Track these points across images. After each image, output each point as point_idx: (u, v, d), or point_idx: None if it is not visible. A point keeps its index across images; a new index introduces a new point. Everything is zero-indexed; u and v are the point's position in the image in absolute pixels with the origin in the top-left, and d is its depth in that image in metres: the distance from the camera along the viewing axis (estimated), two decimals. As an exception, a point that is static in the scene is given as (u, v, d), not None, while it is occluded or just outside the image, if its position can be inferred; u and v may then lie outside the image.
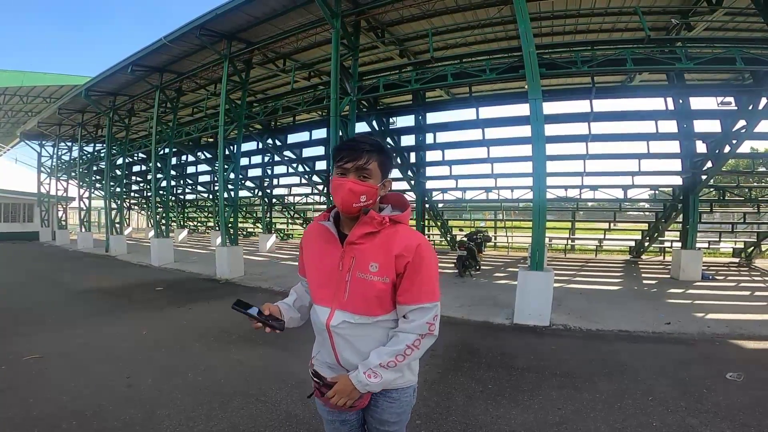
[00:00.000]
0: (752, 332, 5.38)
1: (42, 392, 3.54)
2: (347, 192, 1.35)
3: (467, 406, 3.35)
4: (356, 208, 1.38)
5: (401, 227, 1.42)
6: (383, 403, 1.48)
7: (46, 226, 22.90)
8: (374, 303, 1.38)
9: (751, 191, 12.08)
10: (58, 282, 9.52)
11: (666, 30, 8.49)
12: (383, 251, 1.37)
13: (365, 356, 1.39)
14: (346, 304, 1.39)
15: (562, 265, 12.46)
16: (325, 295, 1.43)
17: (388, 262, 1.36)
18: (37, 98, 18.18)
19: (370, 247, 1.38)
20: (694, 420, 3.09)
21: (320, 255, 1.47)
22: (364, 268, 1.37)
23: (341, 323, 1.39)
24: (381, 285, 1.36)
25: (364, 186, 1.37)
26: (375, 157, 1.39)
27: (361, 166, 1.36)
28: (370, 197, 1.38)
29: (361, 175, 1.37)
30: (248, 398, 3.46)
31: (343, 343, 1.41)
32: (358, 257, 1.38)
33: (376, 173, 1.39)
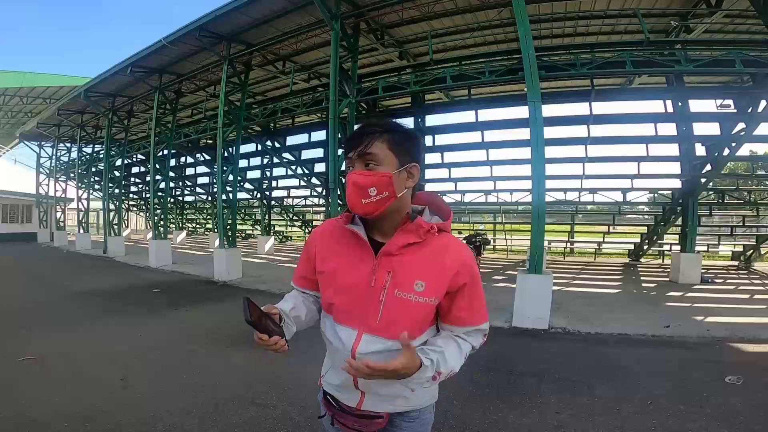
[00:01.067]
0: (752, 335, 5.35)
1: (35, 394, 3.50)
2: (351, 186, 1.11)
3: (465, 409, 3.32)
4: (367, 207, 1.10)
5: (448, 237, 1.19)
6: (402, 423, 1.26)
7: (44, 227, 22.90)
8: (416, 326, 1.16)
9: (751, 194, 12.08)
10: (56, 283, 9.48)
11: (665, 32, 8.51)
12: (434, 267, 1.14)
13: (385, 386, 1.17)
14: (379, 329, 1.14)
15: (561, 268, 12.44)
16: (351, 315, 1.17)
17: (440, 280, 1.13)
18: (36, 99, 18.18)
19: (413, 260, 1.14)
20: (693, 424, 3.07)
21: (344, 265, 1.19)
22: (406, 286, 1.13)
23: (370, 351, 1.13)
24: (427, 307, 1.15)
25: (371, 176, 1.09)
26: (382, 137, 1.11)
27: (363, 151, 1.11)
28: (384, 189, 1.09)
29: (366, 163, 1.11)
30: (244, 401, 3.43)
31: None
32: (398, 272, 1.13)
33: (388, 158, 1.10)
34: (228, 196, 10.53)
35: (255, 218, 21.74)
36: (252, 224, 22.70)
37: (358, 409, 1.23)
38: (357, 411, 1.23)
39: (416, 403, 1.26)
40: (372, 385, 1.17)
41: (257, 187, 18.26)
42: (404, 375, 1.03)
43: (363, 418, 1.23)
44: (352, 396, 1.22)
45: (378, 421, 1.23)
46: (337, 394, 1.26)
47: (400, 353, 1.03)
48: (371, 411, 1.22)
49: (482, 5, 8.09)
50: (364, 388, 1.20)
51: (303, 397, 3.49)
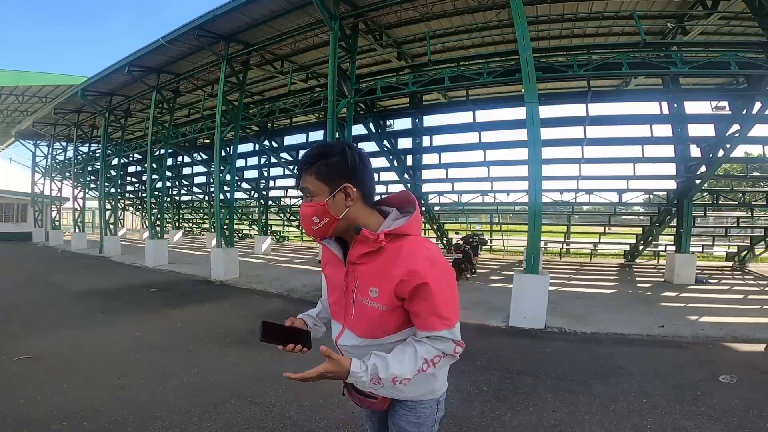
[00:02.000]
0: (745, 335, 5.42)
1: (33, 393, 3.51)
2: (302, 217, 1.26)
3: (462, 408, 3.35)
4: (318, 232, 1.25)
5: (407, 242, 1.23)
6: (399, 410, 1.39)
7: (39, 227, 22.77)
8: (377, 328, 1.27)
9: (745, 195, 12.18)
10: (52, 283, 9.44)
11: (662, 34, 8.57)
12: (384, 275, 1.21)
13: None
14: (353, 326, 1.31)
15: (558, 268, 12.50)
16: (337, 311, 1.39)
17: (388, 288, 1.20)
18: (32, 98, 18.10)
19: (370, 269, 1.25)
20: (688, 422, 3.11)
21: (332, 272, 1.41)
22: (364, 292, 1.26)
23: (348, 344, 1.33)
24: (380, 312, 1.24)
25: (310, 206, 1.23)
26: (309, 171, 1.23)
27: (302, 186, 1.25)
28: (324, 216, 1.22)
29: (306, 196, 1.25)
30: (242, 400, 3.45)
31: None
32: (360, 280, 1.27)
33: (319, 188, 1.22)
34: (225, 196, 10.52)
35: (252, 218, 21.70)
36: (249, 224, 22.65)
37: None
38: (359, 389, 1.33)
39: (411, 394, 1.35)
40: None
41: (255, 187, 18.22)
42: (335, 378, 1.16)
43: (360, 394, 1.35)
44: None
45: (371, 401, 1.35)
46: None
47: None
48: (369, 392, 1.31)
49: (480, 6, 8.13)
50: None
51: (301, 396, 3.50)
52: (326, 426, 3.06)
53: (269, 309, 7.11)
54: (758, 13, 6.51)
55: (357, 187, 1.24)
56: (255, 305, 7.43)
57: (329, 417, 3.16)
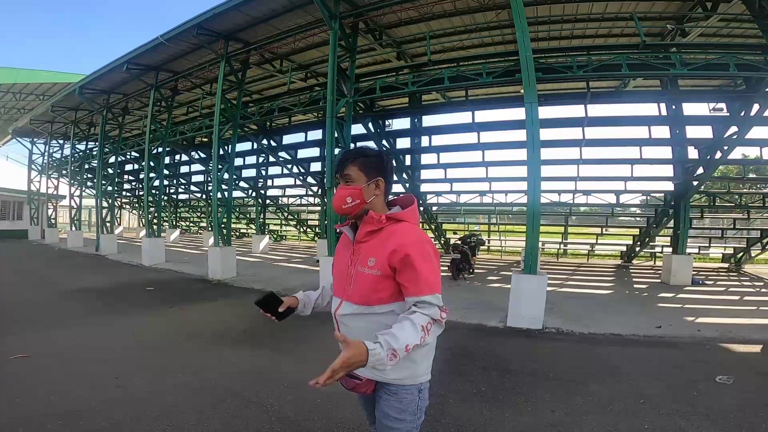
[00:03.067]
0: (741, 336, 5.45)
1: (29, 392, 3.49)
2: (336, 197, 1.57)
3: (460, 408, 3.35)
4: (346, 210, 1.55)
5: (403, 225, 1.52)
6: (383, 395, 1.54)
7: (35, 225, 22.65)
8: (371, 293, 1.47)
9: (741, 197, 12.23)
10: (47, 281, 9.40)
11: (661, 36, 8.60)
12: (381, 247, 1.47)
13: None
14: (351, 296, 1.52)
15: (555, 269, 12.53)
16: (338, 288, 1.62)
17: (383, 256, 1.44)
18: (30, 95, 18.03)
19: (371, 244, 1.51)
20: (684, 423, 3.12)
21: (340, 255, 1.67)
22: (364, 262, 1.50)
23: (345, 313, 1.54)
24: (374, 276, 1.46)
25: (348, 189, 1.55)
26: (355, 162, 1.57)
27: (343, 173, 1.57)
28: (356, 198, 1.54)
29: (345, 181, 1.57)
30: (240, 399, 3.44)
31: (345, 331, 1.52)
32: (362, 253, 1.52)
33: (359, 176, 1.55)
34: (223, 195, 10.49)
35: (250, 217, 21.66)
36: (247, 223, 22.62)
37: None
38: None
39: (390, 377, 1.47)
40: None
41: (252, 186, 18.20)
42: (357, 364, 1.20)
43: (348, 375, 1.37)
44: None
45: (357, 382, 1.45)
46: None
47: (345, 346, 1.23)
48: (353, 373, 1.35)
49: (481, 7, 8.14)
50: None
51: (299, 395, 3.50)
52: (324, 426, 3.05)
53: (267, 308, 7.08)
54: (758, 15, 6.54)
55: (384, 183, 1.59)
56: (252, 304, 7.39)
57: (327, 417, 3.16)
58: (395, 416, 1.52)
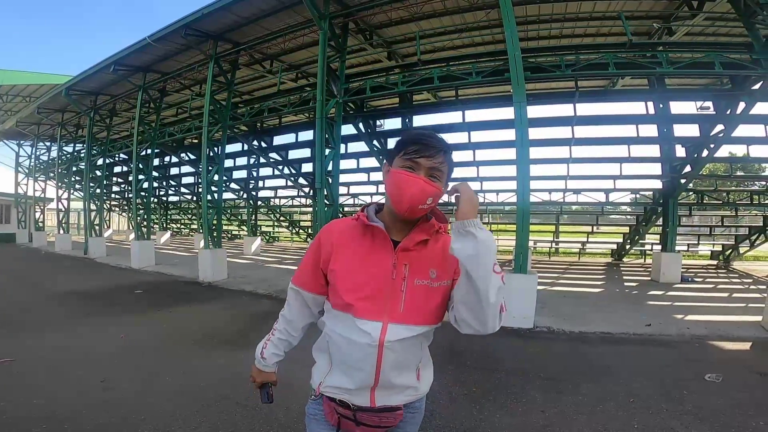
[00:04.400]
0: (730, 333, 5.49)
1: (14, 396, 3.42)
2: (419, 191, 1.18)
3: (451, 408, 3.34)
4: (421, 211, 1.22)
5: (445, 236, 1.33)
6: (407, 416, 1.35)
7: (23, 228, 22.33)
8: (436, 311, 1.27)
9: (729, 195, 12.38)
10: (35, 284, 9.26)
11: (648, 35, 8.66)
12: (439, 257, 1.27)
13: (403, 375, 1.27)
14: (406, 315, 1.23)
15: (547, 268, 12.59)
16: (374, 309, 1.23)
17: (447, 268, 1.26)
18: (16, 97, 17.70)
19: (425, 254, 1.27)
20: (675, 422, 3.13)
21: (364, 259, 1.27)
22: (423, 274, 1.25)
23: (397, 339, 1.22)
24: (444, 289, 1.26)
25: (435, 187, 1.21)
26: (447, 157, 1.25)
27: (436, 165, 1.21)
28: (436, 200, 1.23)
29: (432, 175, 1.21)
30: (229, 402, 3.39)
31: (393, 359, 1.23)
32: (414, 264, 1.25)
33: (445, 176, 1.26)
34: (213, 197, 10.39)
35: (241, 218, 21.51)
36: (238, 225, 22.47)
37: (373, 406, 1.26)
38: (373, 408, 1.27)
39: (423, 390, 1.36)
40: (390, 378, 1.24)
41: (243, 187, 18.07)
42: (475, 207, 1.12)
43: (384, 412, 1.28)
44: (362, 395, 1.27)
45: (398, 413, 1.30)
46: (347, 396, 1.28)
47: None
48: (387, 405, 1.27)
49: (470, 6, 8.13)
50: (385, 384, 1.25)
51: (289, 398, 3.45)
52: (314, 429, 3.01)
53: (258, 310, 7.04)
54: (743, 14, 6.61)
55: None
56: (243, 306, 7.35)
57: (317, 420, 3.12)
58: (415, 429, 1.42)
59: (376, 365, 1.22)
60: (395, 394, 1.28)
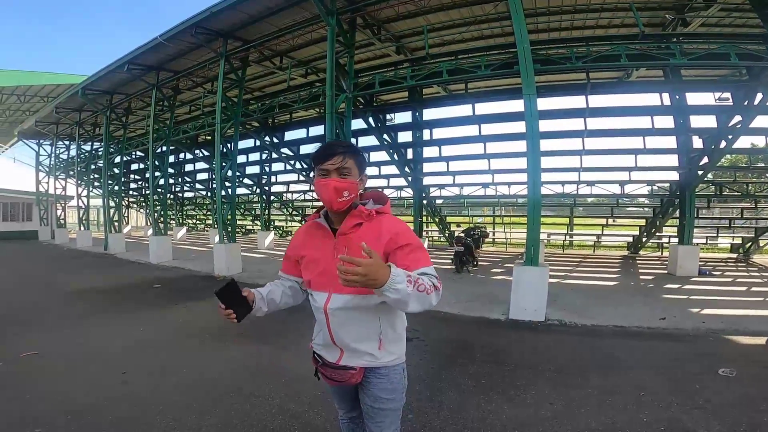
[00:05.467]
0: (747, 328, 5.38)
1: (39, 390, 3.56)
2: (332, 190, 1.50)
3: (460, 401, 3.37)
4: (342, 203, 1.52)
5: (385, 217, 1.59)
6: (373, 380, 1.61)
7: (45, 225, 22.91)
8: None
9: (749, 187, 12.08)
10: (57, 280, 9.53)
11: (662, 26, 8.47)
12: (373, 236, 1.49)
13: (356, 336, 1.55)
14: (342, 288, 1.44)
15: (560, 261, 12.48)
16: (323, 282, 1.57)
17: (378, 245, 1.47)
18: (34, 97, 18.16)
19: (359, 235, 1.51)
20: (685, 416, 3.10)
21: (316, 248, 1.62)
22: (357, 251, 1.38)
23: (336, 306, 1.53)
24: None
25: (346, 182, 1.52)
26: (351, 156, 1.55)
27: (340, 165, 1.52)
28: (352, 192, 1.54)
29: (341, 174, 1.52)
30: (242, 394, 3.48)
31: (338, 323, 1.55)
32: (351, 245, 1.51)
33: (354, 171, 1.55)
34: (227, 192, 10.55)
35: (255, 213, 21.76)
36: (252, 219, 22.73)
37: (337, 363, 1.60)
38: (336, 364, 1.60)
39: (384, 360, 1.60)
40: (345, 341, 1.56)
41: (256, 182, 18.29)
42: (376, 276, 1.22)
43: (339, 369, 1.60)
44: (333, 353, 1.62)
45: (352, 372, 1.58)
46: (323, 352, 1.66)
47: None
48: (347, 365, 1.58)
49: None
50: (341, 344, 1.58)
51: (299, 389, 3.53)
52: (325, 418, 3.08)
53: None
54: (758, 4, 6.42)
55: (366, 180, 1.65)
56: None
57: (328, 409, 3.17)
58: (387, 397, 1.62)
59: (327, 327, 1.57)
60: (355, 357, 1.58)
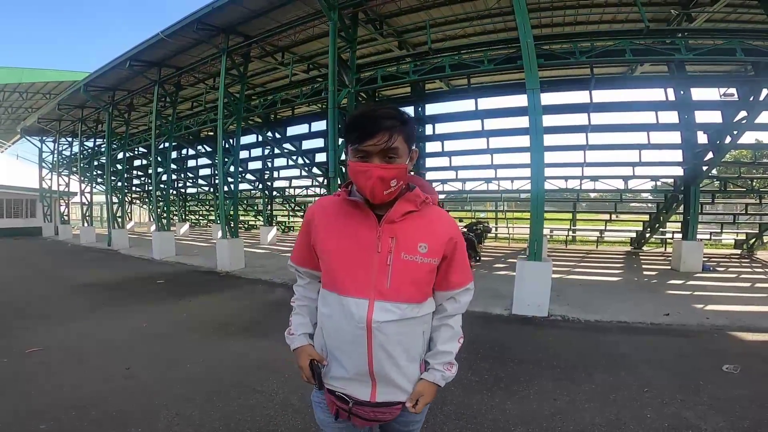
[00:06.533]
0: (751, 324, 5.36)
1: (43, 384, 3.58)
2: (377, 181, 1.13)
3: (463, 396, 3.37)
4: (388, 196, 1.17)
5: (440, 210, 1.31)
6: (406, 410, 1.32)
7: (48, 221, 23.02)
8: (423, 288, 1.24)
9: (753, 182, 12.00)
10: (61, 276, 9.58)
11: (667, 21, 8.40)
12: (430, 232, 1.23)
13: (405, 359, 1.23)
14: (390, 293, 1.17)
15: (563, 256, 12.45)
16: (359, 284, 1.18)
17: (438, 243, 1.22)
18: (36, 94, 18.15)
19: (413, 226, 1.22)
20: (689, 413, 3.09)
21: (347, 235, 1.22)
22: (411, 248, 1.19)
23: (388, 318, 1.17)
24: (431, 267, 1.22)
25: (394, 169, 1.14)
26: (399, 131, 1.15)
27: (387, 146, 1.13)
28: (402, 178, 1.18)
29: (387, 157, 1.14)
30: (245, 389, 3.49)
31: (385, 341, 1.18)
32: (401, 237, 1.19)
33: (403, 150, 1.17)
34: (229, 187, 10.56)
35: (257, 209, 21.80)
36: (254, 215, 22.78)
37: (373, 400, 1.24)
38: (373, 402, 1.24)
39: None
40: (386, 369, 1.20)
41: (259, 178, 18.29)
42: (433, 397, 1.30)
43: (380, 406, 1.25)
44: (365, 388, 1.24)
45: (396, 408, 1.27)
46: (349, 389, 1.25)
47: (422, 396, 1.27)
48: (389, 400, 1.25)
49: (481, -7, 8.01)
50: (380, 373, 1.21)
51: (303, 385, 3.53)
52: (327, 416, 3.09)
53: (274, 298, 7.18)
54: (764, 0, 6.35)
55: (417, 155, 1.27)
56: (260, 295, 7.50)
57: (330, 407, 3.19)
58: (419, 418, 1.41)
59: (368, 350, 1.18)
60: (395, 391, 1.25)
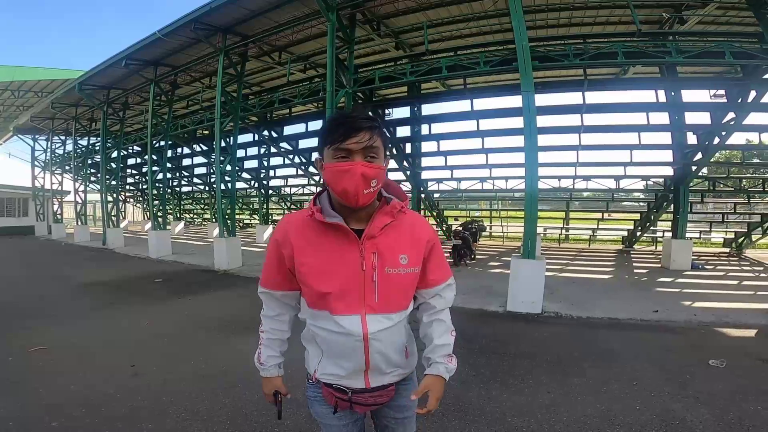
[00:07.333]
0: (737, 321, 5.54)
1: (51, 382, 3.64)
2: (360, 178, 1.12)
3: (461, 390, 3.48)
4: (368, 197, 1.16)
5: (412, 214, 1.33)
6: (401, 390, 1.39)
7: (41, 220, 22.86)
8: (409, 292, 1.32)
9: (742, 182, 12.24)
10: (58, 276, 9.59)
11: (659, 23, 8.56)
12: (410, 240, 1.26)
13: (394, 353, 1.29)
14: (379, 306, 1.22)
15: (556, 254, 12.64)
16: (348, 303, 1.21)
17: (417, 250, 1.27)
18: (29, 92, 18.01)
19: (392, 238, 1.23)
20: (676, 405, 3.23)
21: (331, 256, 1.21)
22: (393, 262, 1.22)
23: (383, 327, 1.23)
24: (414, 275, 1.28)
25: (375, 168, 1.15)
26: (378, 132, 1.17)
27: (368, 144, 1.13)
28: (381, 179, 1.18)
29: (368, 156, 1.15)
30: (250, 385, 3.57)
31: (382, 347, 1.25)
32: (383, 252, 1.21)
33: (381, 153, 1.19)
34: (227, 186, 10.60)
35: (253, 207, 21.80)
36: (250, 213, 22.77)
37: (368, 386, 1.30)
38: (369, 388, 1.31)
39: (412, 365, 1.43)
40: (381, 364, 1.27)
41: (255, 177, 18.31)
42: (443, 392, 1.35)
43: (377, 390, 1.32)
44: (359, 379, 1.29)
45: (391, 389, 1.35)
46: (346, 381, 1.30)
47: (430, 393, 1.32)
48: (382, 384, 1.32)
49: (478, -5, 8.11)
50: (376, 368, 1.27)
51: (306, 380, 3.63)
52: (331, 409, 3.19)
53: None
54: (754, 3, 6.52)
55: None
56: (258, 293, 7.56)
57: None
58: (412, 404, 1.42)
59: (365, 355, 1.23)
60: (388, 375, 1.31)
